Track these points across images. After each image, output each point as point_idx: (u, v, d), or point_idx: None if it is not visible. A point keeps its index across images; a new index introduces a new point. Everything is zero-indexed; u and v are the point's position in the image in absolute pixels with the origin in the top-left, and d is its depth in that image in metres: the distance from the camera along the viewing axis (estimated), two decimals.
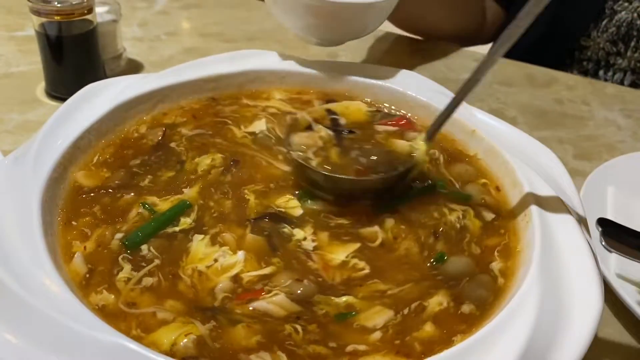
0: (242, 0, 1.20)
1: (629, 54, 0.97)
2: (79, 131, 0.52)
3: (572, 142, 0.79)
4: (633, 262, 0.56)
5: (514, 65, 0.98)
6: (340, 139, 0.55)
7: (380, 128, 0.58)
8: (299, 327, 0.40)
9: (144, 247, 0.46)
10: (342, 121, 0.58)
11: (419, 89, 0.63)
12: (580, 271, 0.42)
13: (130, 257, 0.45)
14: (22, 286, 0.36)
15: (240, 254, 0.46)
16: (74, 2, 0.74)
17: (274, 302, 0.42)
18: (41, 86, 0.82)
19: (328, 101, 0.64)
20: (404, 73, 0.66)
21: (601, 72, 1.02)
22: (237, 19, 1.10)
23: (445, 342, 0.40)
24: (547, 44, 1.04)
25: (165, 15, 1.10)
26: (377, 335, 0.41)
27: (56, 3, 0.73)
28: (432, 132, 0.53)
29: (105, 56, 0.83)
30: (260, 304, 0.42)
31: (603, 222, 0.59)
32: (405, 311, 0.42)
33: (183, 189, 0.52)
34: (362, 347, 0.40)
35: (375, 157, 0.54)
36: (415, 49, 1.01)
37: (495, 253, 0.48)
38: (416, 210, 0.51)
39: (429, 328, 0.41)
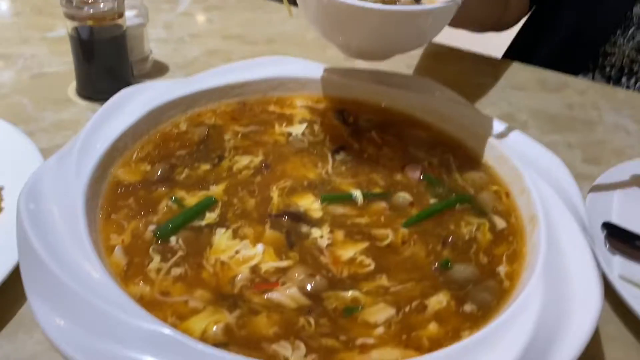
0: (263, 3, 1.23)
1: None
2: (116, 135, 0.55)
3: (581, 146, 0.81)
4: (636, 264, 0.59)
5: (526, 69, 1.00)
6: None
7: None
8: (311, 320, 0.44)
9: (173, 238, 0.50)
10: None
11: (437, 97, 0.66)
12: (582, 274, 0.45)
13: (159, 247, 0.49)
14: (72, 279, 0.40)
15: (260, 247, 0.49)
16: (105, 9, 0.77)
17: (286, 295, 0.45)
18: (72, 86, 0.86)
19: (341, 110, 0.67)
20: (421, 81, 0.68)
21: (624, 79, 1.02)
22: (257, 22, 1.13)
23: (452, 338, 0.43)
24: (570, 50, 1.04)
25: (188, 17, 1.14)
26: (380, 330, 0.44)
27: (88, 9, 0.77)
28: None
29: (133, 58, 0.87)
30: (274, 295, 0.45)
31: (608, 226, 0.62)
32: (407, 309, 0.45)
33: (210, 186, 0.55)
34: (370, 341, 0.43)
35: None
36: (428, 52, 1.03)
37: (504, 257, 0.50)
38: (433, 220, 0.54)
39: (432, 327, 0.44)
